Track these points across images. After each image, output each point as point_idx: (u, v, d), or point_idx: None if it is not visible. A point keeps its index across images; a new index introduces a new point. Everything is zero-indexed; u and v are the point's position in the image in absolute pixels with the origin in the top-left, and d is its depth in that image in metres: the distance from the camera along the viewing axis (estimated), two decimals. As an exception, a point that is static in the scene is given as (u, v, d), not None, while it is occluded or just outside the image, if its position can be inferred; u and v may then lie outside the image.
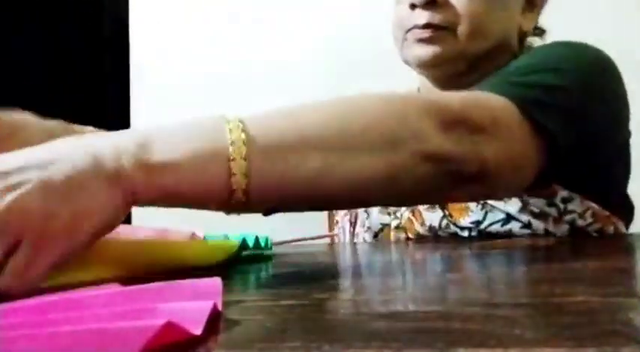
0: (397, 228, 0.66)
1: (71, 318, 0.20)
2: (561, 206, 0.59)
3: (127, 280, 0.37)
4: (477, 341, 0.19)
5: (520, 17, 0.67)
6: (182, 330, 0.18)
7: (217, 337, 0.20)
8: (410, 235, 0.65)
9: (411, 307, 0.26)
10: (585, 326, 0.21)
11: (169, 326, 0.18)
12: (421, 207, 0.64)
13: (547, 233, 0.60)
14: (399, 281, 0.36)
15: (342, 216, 0.74)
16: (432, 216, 0.64)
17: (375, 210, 0.68)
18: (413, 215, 0.65)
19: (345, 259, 0.57)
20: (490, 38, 0.65)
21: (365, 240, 0.68)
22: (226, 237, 0.48)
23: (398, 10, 0.67)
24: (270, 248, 0.52)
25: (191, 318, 0.19)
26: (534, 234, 0.60)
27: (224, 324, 0.22)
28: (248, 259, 0.48)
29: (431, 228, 0.63)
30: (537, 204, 0.60)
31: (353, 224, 0.72)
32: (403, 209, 0.65)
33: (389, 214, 0.67)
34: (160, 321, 0.17)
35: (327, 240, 0.83)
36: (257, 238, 0.50)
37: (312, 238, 0.62)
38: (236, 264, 0.45)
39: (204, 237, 0.48)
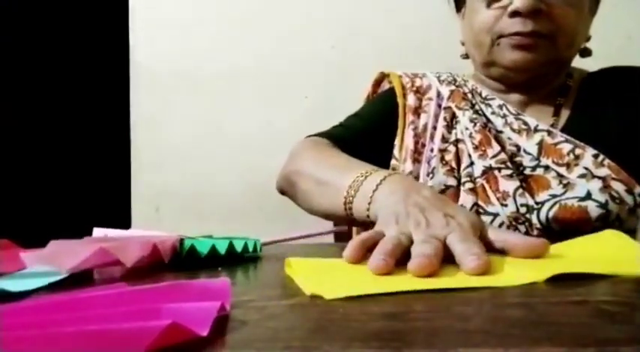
0: (471, 190, 0.67)
1: (76, 318, 0.20)
2: (638, 199, 0.63)
3: (134, 279, 0.37)
4: (477, 341, 0.19)
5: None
6: (188, 331, 0.19)
7: (223, 338, 0.21)
8: (480, 201, 0.66)
9: (412, 307, 0.26)
10: (585, 326, 0.21)
11: (174, 327, 0.18)
12: (498, 174, 0.67)
13: (619, 220, 0.62)
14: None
15: None
16: (507, 184, 0.66)
17: (440, 171, 0.70)
18: (487, 181, 0.67)
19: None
20: (578, 46, 0.71)
21: None
22: (213, 246, 0.47)
23: (486, 14, 0.69)
24: (260, 251, 0.52)
25: (197, 319, 0.19)
26: (607, 218, 0.62)
27: (228, 325, 0.22)
28: (244, 258, 0.48)
29: (504, 195, 0.66)
30: (618, 187, 0.62)
31: None
32: (477, 173, 0.69)
33: (455, 177, 0.70)
34: (165, 322, 0.17)
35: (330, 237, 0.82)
36: (246, 242, 0.49)
37: (306, 237, 0.61)
38: (234, 264, 0.45)
39: (182, 240, 0.47)
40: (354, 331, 0.21)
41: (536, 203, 0.64)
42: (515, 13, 0.65)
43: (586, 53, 0.73)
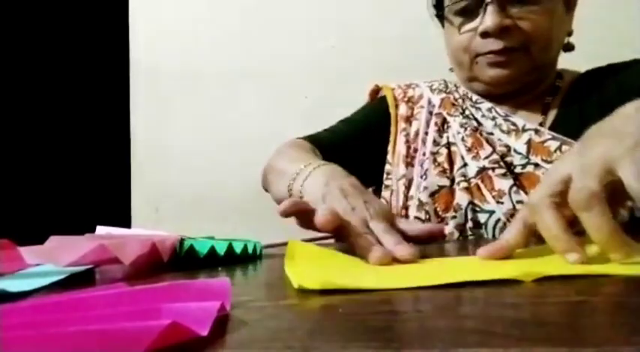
0: (466, 189, 0.69)
1: (76, 318, 0.20)
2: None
3: (134, 279, 0.37)
4: (476, 341, 0.19)
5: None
6: (188, 331, 0.19)
7: (223, 338, 0.21)
8: (476, 200, 0.68)
9: (412, 306, 0.26)
10: (585, 327, 0.21)
11: (174, 327, 0.18)
12: (492, 173, 0.68)
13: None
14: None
15: (395, 180, 0.77)
16: (502, 183, 0.67)
17: (433, 173, 0.72)
18: (482, 181, 0.68)
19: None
20: (556, 48, 0.73)
21: (420, 201, 0.71)
22: (212, 247, 0.47)
23: (460, 37, 0.72)
24: (260, 254, 0.51)
25: (197, 319, 0.19)
26: None
27: (228, 325, 0.22)
28: (241, 259, 0.48)
29: (500, 194, 0.67)
30: None
31: (407, 187, 0.75)
32: (471, 173, 0.70)
33: (447, 177, 0.71)
34: (165, 322, 0.17)
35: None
36: (246, 244, 0.49)
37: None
38: (234, 264, 0.45)
39: (182, 240, 0.46)
40: (353, 331, 0.21)
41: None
42: (485, 34, 0.68)
43: (568, 48, 0.74)
